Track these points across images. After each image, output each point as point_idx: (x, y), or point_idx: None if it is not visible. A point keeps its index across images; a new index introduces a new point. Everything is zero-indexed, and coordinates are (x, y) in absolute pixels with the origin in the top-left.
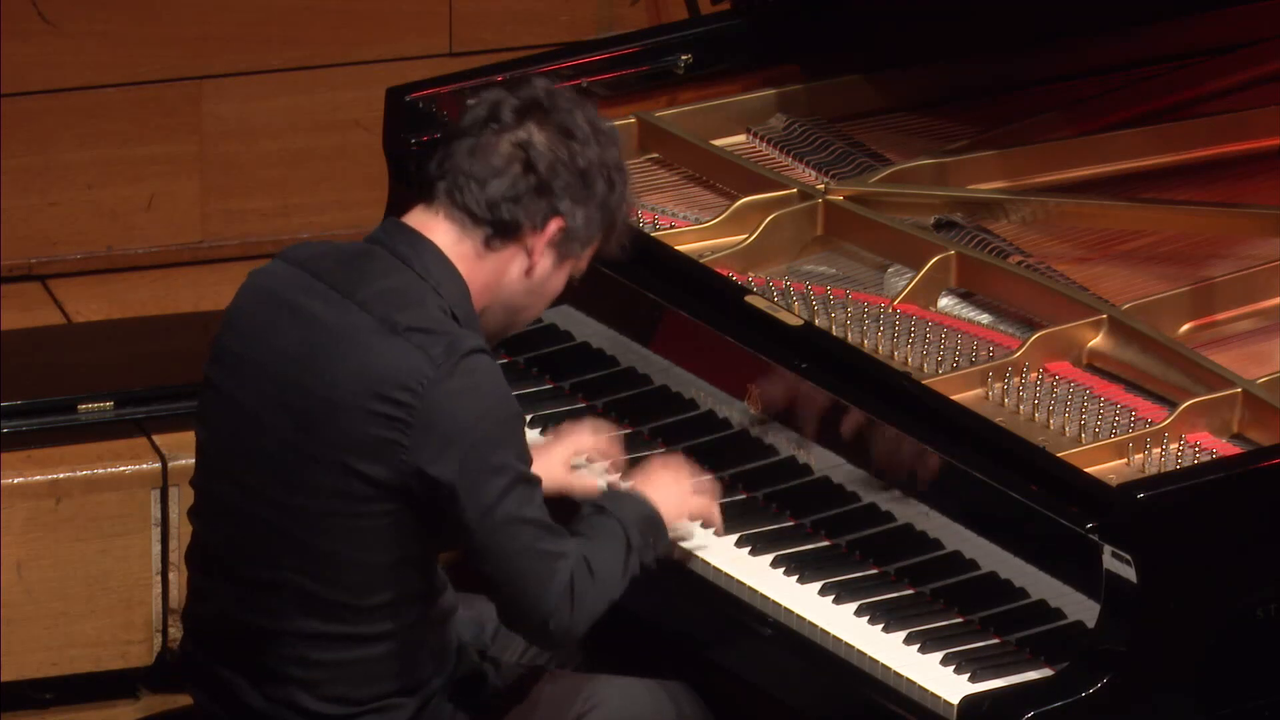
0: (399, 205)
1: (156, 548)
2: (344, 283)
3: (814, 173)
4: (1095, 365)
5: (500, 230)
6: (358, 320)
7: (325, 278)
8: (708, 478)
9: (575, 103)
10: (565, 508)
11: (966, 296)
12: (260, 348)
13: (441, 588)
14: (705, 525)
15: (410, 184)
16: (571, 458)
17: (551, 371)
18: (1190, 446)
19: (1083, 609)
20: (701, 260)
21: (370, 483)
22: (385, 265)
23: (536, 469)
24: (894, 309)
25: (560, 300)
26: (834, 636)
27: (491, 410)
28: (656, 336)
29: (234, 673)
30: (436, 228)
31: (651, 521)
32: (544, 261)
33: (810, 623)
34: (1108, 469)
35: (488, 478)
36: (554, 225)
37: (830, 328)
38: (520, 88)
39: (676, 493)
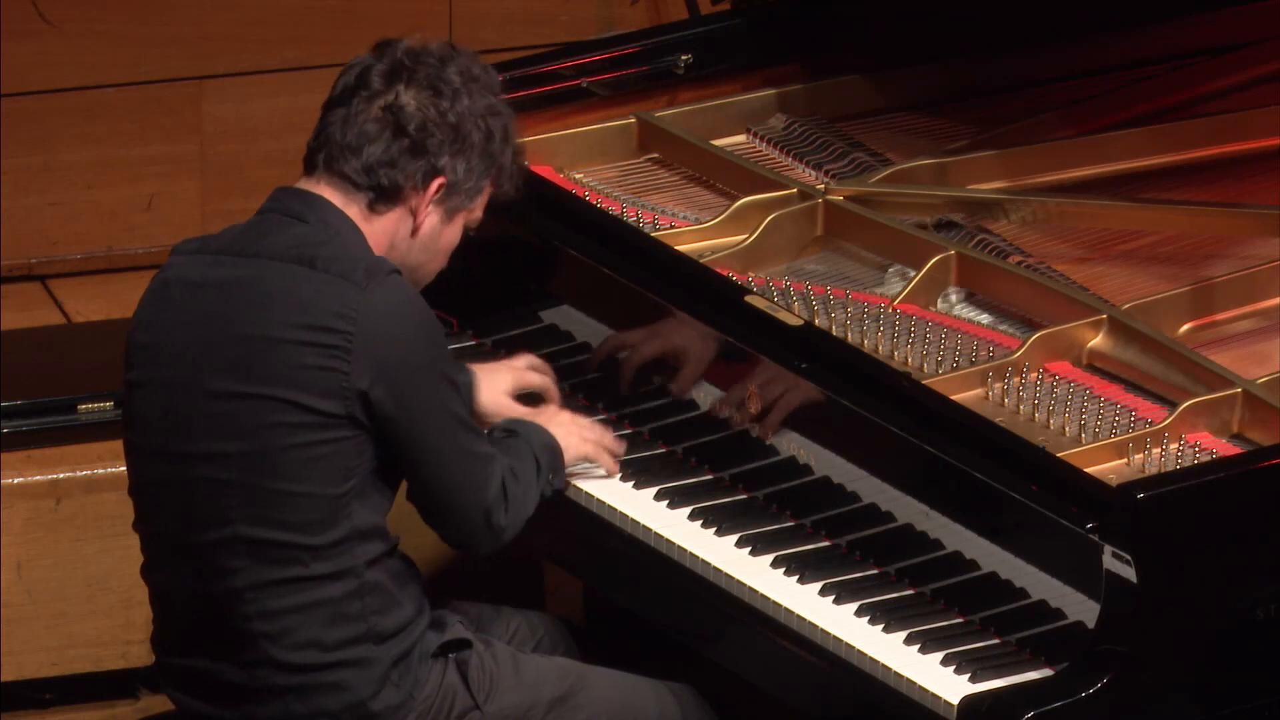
0: None
1: None
2: (248, 247)
3: (814, 173)
4: (1095, 365)
5: (382, 195)
6: (274, 267)
7: (226, 250)
8: (598, 420)
9: (445, 57)
10: None
11: (966, 296)
12: (179, 329)
13: (396, 539)
14: (602, 470)
15: None
16: (514, 389)
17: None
18: (1190, 446)
19: (1083, 609)
20: (701, 260)
21: (315, 413)
22: (284, 223)
23: (484, 387)
24: (894, 309)
25: (560, 300)
26: (834, 637)
27: (422, 324)
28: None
29: (208, 658)
30: (323, 191)
31: (553, 451)
32: (430, 219)
33: (810, 623)
34: (1108, 469)
35: (428, 386)
36: (436, 183)
37: (830, 328)
38: (385, 51)
39: (573, 432)
